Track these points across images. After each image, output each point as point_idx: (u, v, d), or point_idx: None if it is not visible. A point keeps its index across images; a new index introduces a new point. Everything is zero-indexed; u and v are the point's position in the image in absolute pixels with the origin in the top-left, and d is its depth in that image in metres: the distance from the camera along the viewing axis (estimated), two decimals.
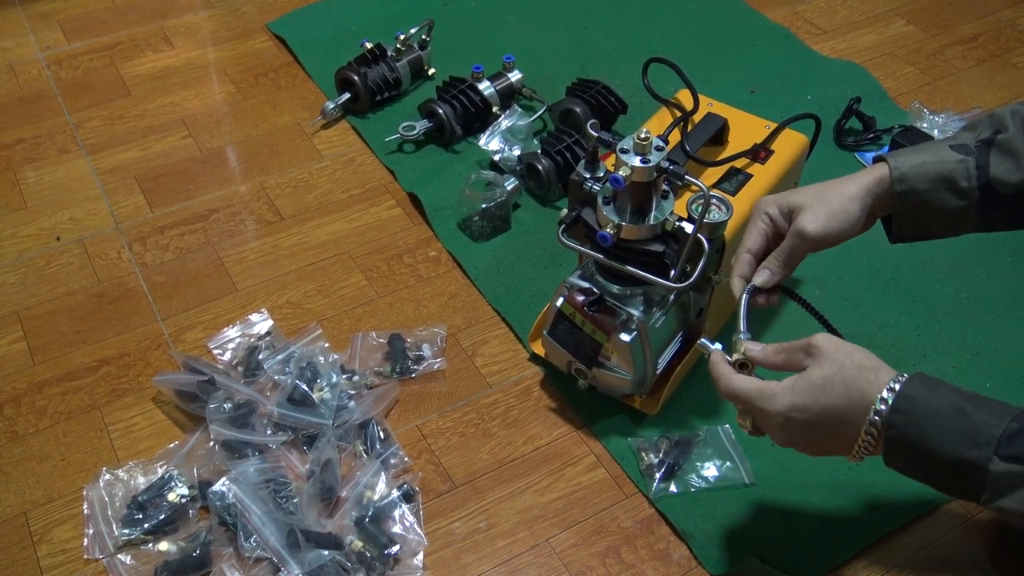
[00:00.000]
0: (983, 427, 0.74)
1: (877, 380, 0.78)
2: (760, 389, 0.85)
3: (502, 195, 1.44)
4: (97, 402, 1.23)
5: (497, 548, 1.09)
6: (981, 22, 1.95)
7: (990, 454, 0.73)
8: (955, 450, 0.74)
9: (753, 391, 0.85)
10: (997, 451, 0.73)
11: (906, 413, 0.76)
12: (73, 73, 1.78)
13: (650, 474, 1.15)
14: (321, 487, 1.09)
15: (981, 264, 1.42)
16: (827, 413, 0.80)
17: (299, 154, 1.61)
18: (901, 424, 0.76)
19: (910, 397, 0.76)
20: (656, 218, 1.05)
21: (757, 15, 1.95)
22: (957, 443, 0.74)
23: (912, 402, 0.76)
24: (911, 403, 0.76)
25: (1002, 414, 0.74)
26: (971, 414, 0.74)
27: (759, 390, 0.85)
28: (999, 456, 0.72)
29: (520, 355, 1.30)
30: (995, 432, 0.73)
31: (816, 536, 1.09)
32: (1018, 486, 0.72)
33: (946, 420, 0.75)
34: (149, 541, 1.07)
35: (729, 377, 0.88)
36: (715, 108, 1.29)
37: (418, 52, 1.72)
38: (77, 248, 1.44)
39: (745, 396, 0.86)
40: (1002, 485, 0.73)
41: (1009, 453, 0.72)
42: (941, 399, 0.76)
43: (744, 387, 0.86)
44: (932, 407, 0.76)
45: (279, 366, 1.23)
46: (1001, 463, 0.72)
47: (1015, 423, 0.73)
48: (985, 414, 0.74)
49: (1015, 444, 0.72)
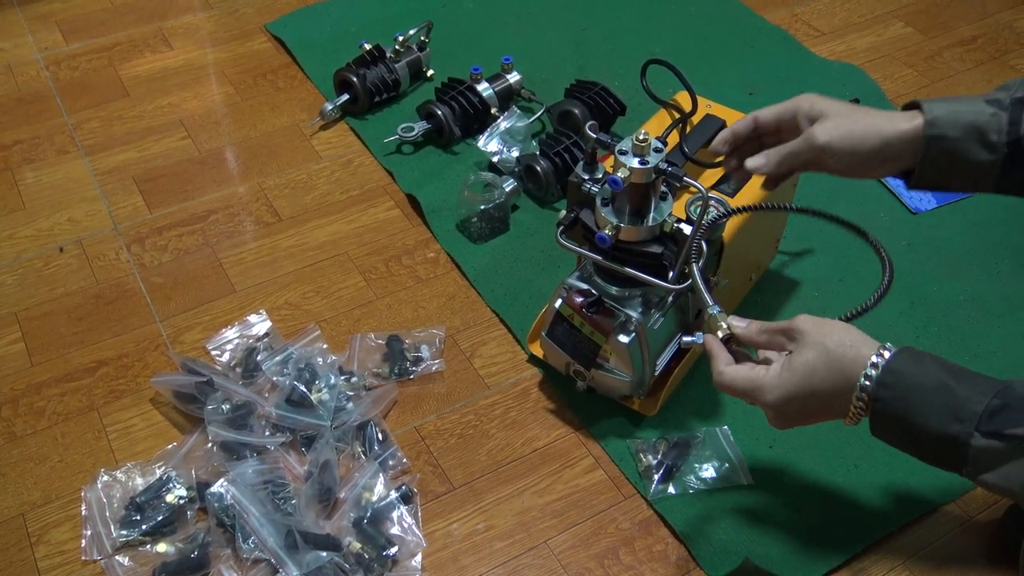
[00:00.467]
0: (966, 402, 0.75)
1: (859, 356, 0.80)
2: (751, 381, 0.86)
3: (501, 196, 1.44)
4: (95, 403, 1.23)
5: (496, 550, 1.09)
6: (979, 24, 1.95)
7: (971, 429, 0.75)
8: (939, 425, 0.76)
9: (745, 385, 0.87)
10: (979, 427, 0.74)
11: (892, 387, 0.78)
12: (71, 74, 1.78)
13: (648, 475, 1.15)
14: (319, 488, 1.09)
15: (980, 265, 1.42)
16: (815, 396, 0.82)
17: (298, 155, 1.61)
18: (887, 398, 0.78)
19: (897, 371, 0.78)
20: (655, 219, 1.05)
21: (756, 17, 1.95)
22: (941, 418, 0.76)
23: (899, 376, 0.78)
24: (897, 377, 0.78)
25: (985, 389, 0.76)
26: (955, 389, 0.76)
27: (751, 382, 0.86)
28: (980, 432, 0.74)
29: (519, 356, 1.30)
30: (977, 408, 0.75)
31: (815, 537, 1.09)
32: (999, 461, 0.74)
33: (930, 394, 0.77)
34: (147, 542, 1.07)
35: (721, 373, 0.89)
36: (714, 110, 1.29)
37: (417, 53, 1.72)
38: (75, 249, 1.44)
39: (739, 390, 0.88)
40: (983, 460, 0.75)
41: (990, 429, 0.74)
42: (927, 373, 0.78)
43: (736, 382, 0.88)
44: (917, 380, 0.77)
45: (277, 367, 1.23)
46: (982, 439, 0.74)
47: (997, 399, 0.74)
48: (968, 389, 0.76)
49: (996, 420, 0.74)
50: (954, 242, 1.46)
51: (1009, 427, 0.73)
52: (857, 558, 1.08)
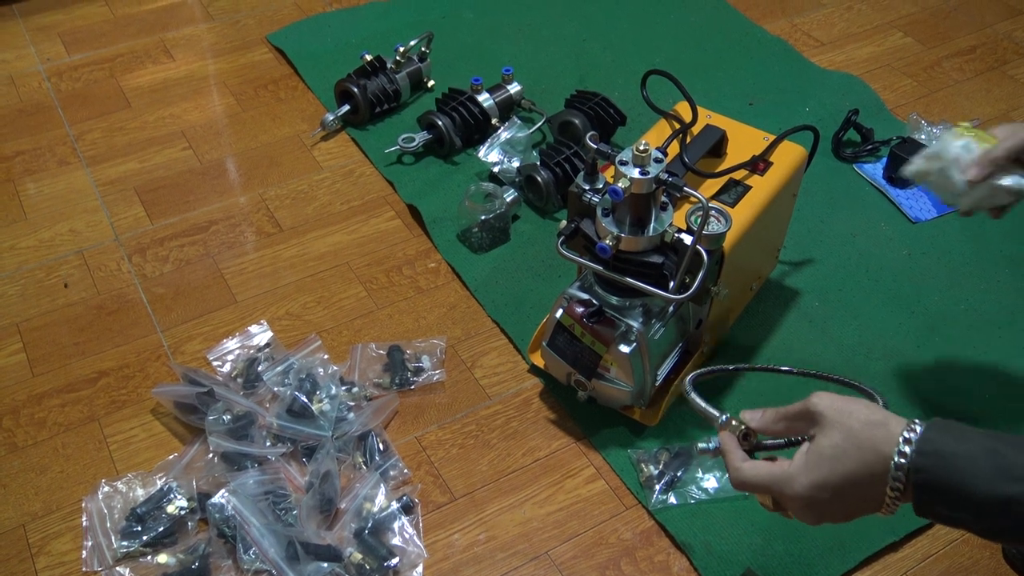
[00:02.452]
0: (1018, 459, 0.71)
1: (889, 434, 0.75)
2: (774, 476, 0.80)
3: (501, 207, 1.44)
4: (96, 414, 1.23)
5: (497, 560, 1.09)
6: (979, 34, 1.96)
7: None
8: (990, 487, 0.71)
9: (767, 479, 0.80)
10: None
11: (932, 456, 0.73)
12: (73, 85, 1.79)
13: (650, 486, 1.14)
14: (320, 499, 1.09)
15: (980, 276, 1.42)
16: (848, 481, 0.76)
17: (298, 166, 1.62)
18: (929, 468, 0.73)
19: (933, 440, 0.73)
20: (655, 230, 1.05)
21: (756, 27, 1.96)
22: (992, 480, 0.71)
23: (936, 444, 0.73)
24: (937, 445, 0.73)
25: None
26: (1003, 451, 0.71)
27: (773, 477, 0.80)
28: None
29: (519, 366, 1.30)
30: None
31: (816, 548, 1.09)
32: None
33: (978, 459, 0.72)
34: (148, 553, 1.06)
35: (738, 469, 0.82)
36: (714, 120, 1.29)
37: (417, 64, 1.72)
38: (77, 260, 1.44)
39: (762, 486, 0.82)
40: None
41: None
42: (968, 438, 0.73)
43: (757, 477, 0.81)
44: (960, 446, 0.72)
45: (278, 378, 1.23)
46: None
47: None
48: (1017, 449, 0.71)
49: None
50: (954, 251, 1.46)
51: None
52: (858, 569, 1.08)
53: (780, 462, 0.81)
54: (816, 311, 1.37)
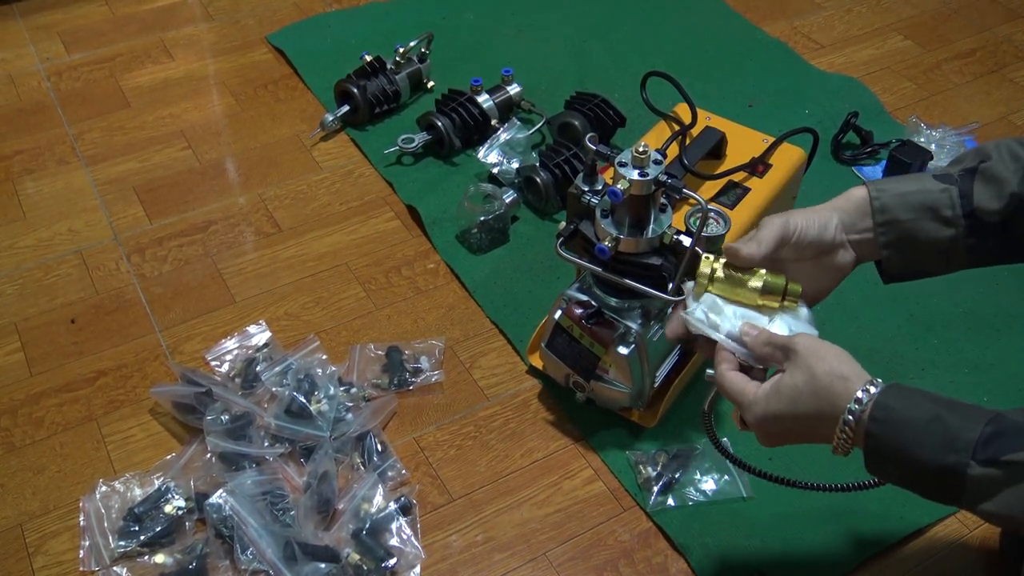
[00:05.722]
0: (960, 432, 0.74)
1: (846, 389, 0.79)
2: (743, 394, 0.85)
3: (500, 208, 1.44)
4: (94, 413, 1.23)
5: (494, 561, 1.09)
6: (978, 37, 1.96)
7: (967, 458, 0.73)
8: (934, 456, 0.75)
9: (736, 395, 0.86)
10: (974, 455, 0.73)
11: (883, 423, 0.77)
12: (73, 84, 1.79)
13: (648, 487, 1.14)
14: (318, 499, 1.09)
15: (979, 279, 1.42)
16: (799, 421, 0.82)
17: (298, 166, 1.62)
18: (880, 434, 0.77)
19: (886, 406, 0.77)
20: (654, 231, 1.05)
21: (755, 29, 1.96)
22: (935, 449, 0.75)
23: (889, 411, 0.77)
24: (888, 412, 0.77)
25: (977, 418, 0.75)
26: (947, 419, 0.75)
27: (742, 395, 0.85)
28: (976, 460, 0.73)
29: (518, 368, 1.30)
30: (971, 436, 0.74)
31: (813, 550, 1.09)
32: (996, 489, 0.73)
33: (923, 427, 0.76)
34: (145, 553, 1.06)
35: (721, 375, 0.88)
36: (713, 122, 1.29)
37: (417, 65, 1.72)
38: (75, 259, 1.44)
39: (730, 398, 0.87)
40: (981, 489, 0.74)
41: (986, 457, 0.73)
42: (917, 406, 0.77)
43: (730, 389, 0.87)
44: (909, 414, 0.77)
45: (277, 378, 1.23)
46: (979, 467, 0.73)
47: (990, 426, 0.74)
48: (961, 419, 0.75)
49: (991, 448, 0.73)
50: None
51: (1005, 454, 0.72)
52: (855, 571, 1.08)
53: (752, 383, 0.86)
54: (815, 313, 1.37)
